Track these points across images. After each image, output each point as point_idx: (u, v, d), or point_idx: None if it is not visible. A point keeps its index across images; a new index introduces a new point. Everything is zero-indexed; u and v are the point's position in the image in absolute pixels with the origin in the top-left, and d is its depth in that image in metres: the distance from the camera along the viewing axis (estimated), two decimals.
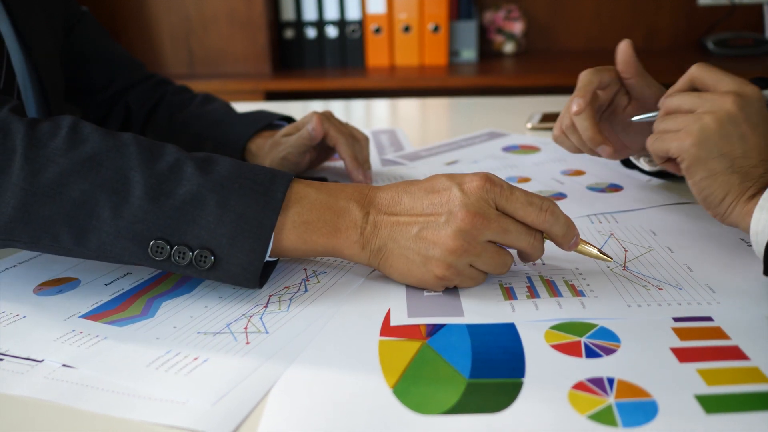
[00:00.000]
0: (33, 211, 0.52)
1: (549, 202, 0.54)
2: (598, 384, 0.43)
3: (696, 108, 0.58)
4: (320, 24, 2.11)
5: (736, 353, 0.45)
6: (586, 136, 0.69)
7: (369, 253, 0.55)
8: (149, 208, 0.52)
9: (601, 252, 0.58)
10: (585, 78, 0.70)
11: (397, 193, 0.56)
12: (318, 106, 1.45)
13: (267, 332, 0.50)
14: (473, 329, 0.50)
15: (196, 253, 0.52)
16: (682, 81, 0.63)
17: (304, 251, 0.55)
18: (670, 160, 0.62)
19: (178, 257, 0.52)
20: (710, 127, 0.56)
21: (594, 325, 0.50)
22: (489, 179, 0.54)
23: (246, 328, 0.51)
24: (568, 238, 0.56)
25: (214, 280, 0.54)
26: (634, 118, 0.69)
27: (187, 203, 0.52)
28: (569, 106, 0.69)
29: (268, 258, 0.54)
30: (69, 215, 0.52)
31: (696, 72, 0.61)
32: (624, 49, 0.70)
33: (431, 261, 0.53)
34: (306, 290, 0.57)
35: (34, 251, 0.58)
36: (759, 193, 0.55)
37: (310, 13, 2.10)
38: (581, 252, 0.57)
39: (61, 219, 0.52)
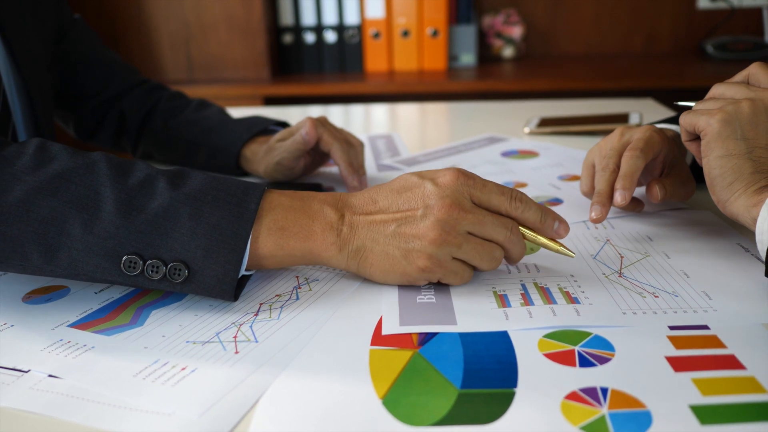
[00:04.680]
0: (0, 230, 0.50)
1: (519, 191, 0.56)
2: (592, 394, 0.42)
3: (738, 96, 0.58)
4: (319, 29, 2.11)
5: (732, 362, 0.44)
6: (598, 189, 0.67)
7: (347, 254, 0.55)
8: (121, 224, 0.51)
9: (563, 246, 0.58)
10: (631, 165, 0.65)
11: (369, 194, 0.57)
12: (317, 110, 1.45)
13: (257, 341, 0.50)
14: (466, 338, 0.49)
15: (169, 266, 0.51)
16: (739, 76, 0.62)
17: (281, 258, 0.55)
18: (695, 140, 0.61)
19: (152, 271, 0.51)
20: (743, 111, 0.56)
21: (588, 334, 0.49)
22: (462, 172, 0.55)
23: (235, 336, 0.50)
24: (547, 222, 0.56)
25: (189, 293, 0.53)
26: (677, 103, 0.68)
27: (160, 217, 0.51)
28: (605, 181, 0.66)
29: (245, 270, 0.54)
30: (38, 233, 0.51)
31: (753, 69, 0.61)
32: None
33: (412, 253, 0.53)
34: (297, 298, 0.56)
35: (3, 271, 0.56)
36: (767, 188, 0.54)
37: (308, 18, 2.10)
38: (545, 246, 0.57)
39: (30, 237, 0.51)
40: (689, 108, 0.61)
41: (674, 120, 0.79)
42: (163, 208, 0.51)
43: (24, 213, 0.50)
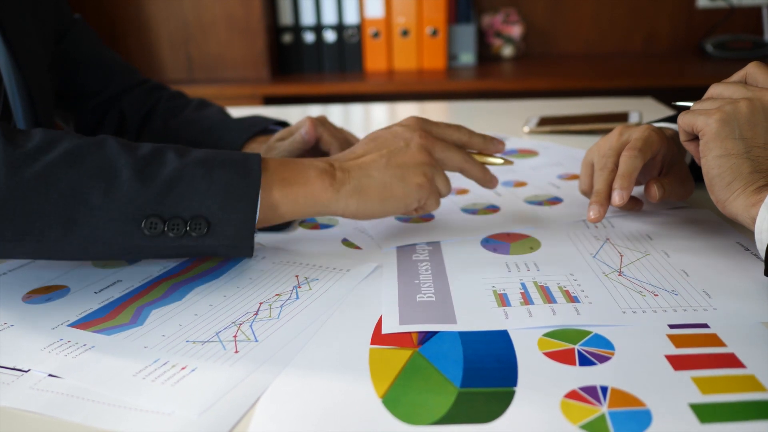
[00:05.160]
0: (19, 206, 0.51)
1: (461, 125, 0.68)
2: (592, 393, 0.42)
3: (736, 95, 0.58)
4: (318, 28, 2.11)
5: (731, 361, 0.44)
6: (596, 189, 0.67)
7: (345, 194, 0.60)
8: (139, 188, 0.54)
9: (503, 158, 0.70)
10: (629, 164, 0.65)
11: (347, 150, 0.65)
12: (316, 110, 1.45)
13: (257, 340, 0.50)
14: (465, 337, 0.49)
15: (189, 222, 0.55)
16: (736, 75, 0.62)
17: (287, 207, 0.60)
18: (693, 140, 0.61)
19: (173, 230, 0.54)
20: (741, 111, 0.56)
21: (588, 332, 0.49)
22: (418, 117, 0.67)
23: (235, 336, 0.50)
24: (487, 142, 0.69)
25: (210, 250, 0.57)
26: (676, 103, 0.68)
27: (175, 179, 0.55)
28: (604, 182, 0.66)
29: (258, 227, 0.58)
30: (58, 205, 0.52)
31: (751, 69, 0.61)
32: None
33: (408, 174, 0.62)
34: (297, 297, 0.56)
35: (16, 254, 0.56)
36: (767, 186, 0.54)
37: (308, 18, 2.10)
38: (491, 163, 0.70)
39: (49, 211, 0.52)
40: (687, 108, 0.61)
41: (674, 119, 0.79)
42: (177, 171, 0.55)
43: (43, 188, 0.52)
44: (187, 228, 0.55)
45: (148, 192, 0.54)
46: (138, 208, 0.54)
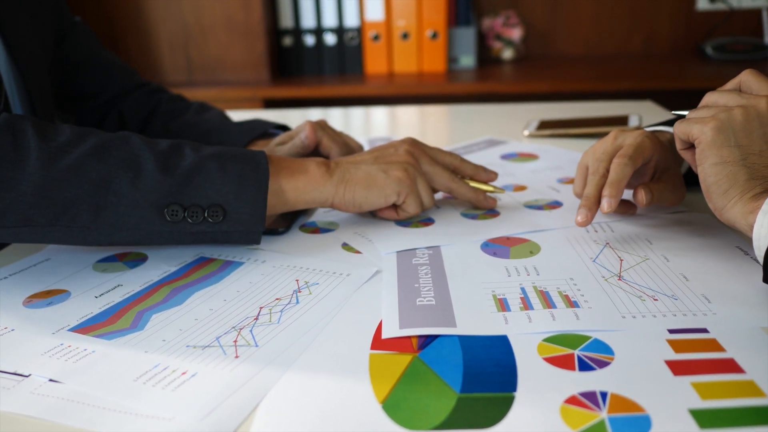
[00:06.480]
0: (52, 194, 0.56)
1: (457, 155, 0.76)
2: (591, 398, 0.42)
3: (731, 103, 0.58)
4: (318, 31, 2.11)
5: (731, 366, 0.44)
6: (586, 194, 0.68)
7: (335, 182, 0.67)
8: (162, 179, 0.59)
9: (494, 187, 0.75)
10: (618, 172, 0.65)
11: (346, 157, 0.73)
12: (316, 113, 1.45)
13: (257, 345, 0.50)
14: (465, 342, 0.49)
15: (207, 210, 0.60)
16: (731, 83, 0.62)
17: (291, 194, 0.66)
18: (690, 148, 0.61)
19: (192, 217, 0.59)
20: (736, 118, 0.56)
21: (588, 338, 0.49)
22: (411, 138, 0.74)
23: (235, 341, 0.50)
24: (479, 170, 0.75)
25: (224, 237, 0.62)
26: (674, 112, 0.68)
27: (193, 171, 0.60)
28: (594, 188, 0.66)
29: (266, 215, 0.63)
30: (89, 194, 0.57)
31: (745, 76, 0.61)
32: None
33: (391, 168, 0.69)
34: (297, 302, 0.56)
35: (46, 239, 0.59)
36: (764, 193, 0.54)
37: (308, 21, 2.10)
38: (482, 189, 0.75)
39: (80, 198, 0.57)
40: (683, 116, 0.62)
41: (671, 123, 0.79)
42: (194, 164, 0.61)
43: (75, 177, 0.57)
44: (205, 215, 0.60)
45: (170, 182, 0.59)
46: (161, 197, 0.59)
